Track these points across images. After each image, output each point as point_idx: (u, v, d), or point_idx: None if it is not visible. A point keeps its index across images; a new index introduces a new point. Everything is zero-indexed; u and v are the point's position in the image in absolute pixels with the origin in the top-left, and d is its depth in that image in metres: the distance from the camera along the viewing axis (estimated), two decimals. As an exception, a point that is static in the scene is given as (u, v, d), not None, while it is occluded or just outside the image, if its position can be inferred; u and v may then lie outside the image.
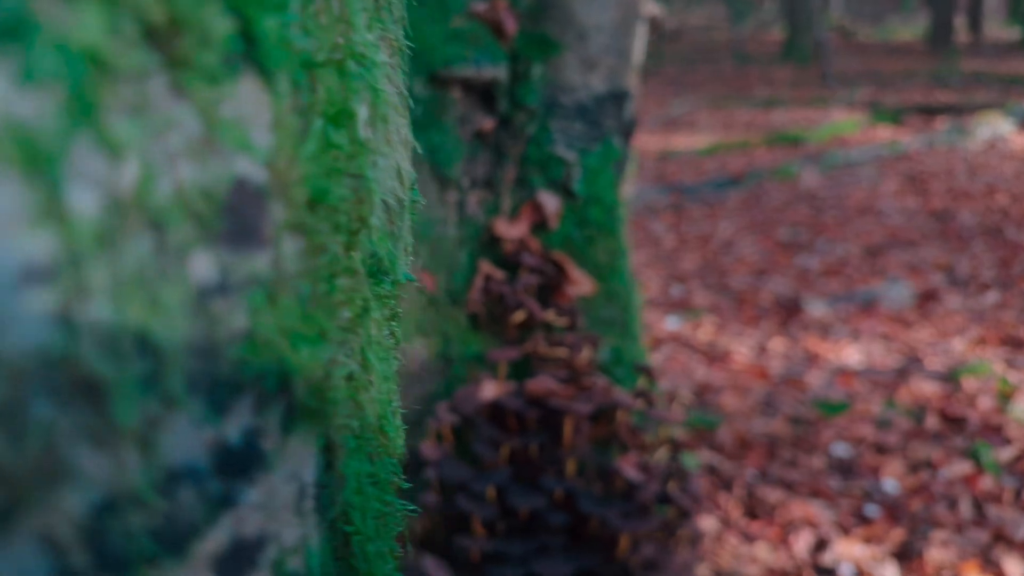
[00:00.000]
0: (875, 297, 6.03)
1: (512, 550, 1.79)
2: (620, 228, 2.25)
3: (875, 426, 4.15)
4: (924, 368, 4.66)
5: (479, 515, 1.78)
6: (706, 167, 11.08)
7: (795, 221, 8.33)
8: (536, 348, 2.07)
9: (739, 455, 4.06)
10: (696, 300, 6.48)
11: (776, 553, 3.31)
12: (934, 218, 8.10)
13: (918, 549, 3.29)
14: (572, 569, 1.76)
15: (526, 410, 1.92)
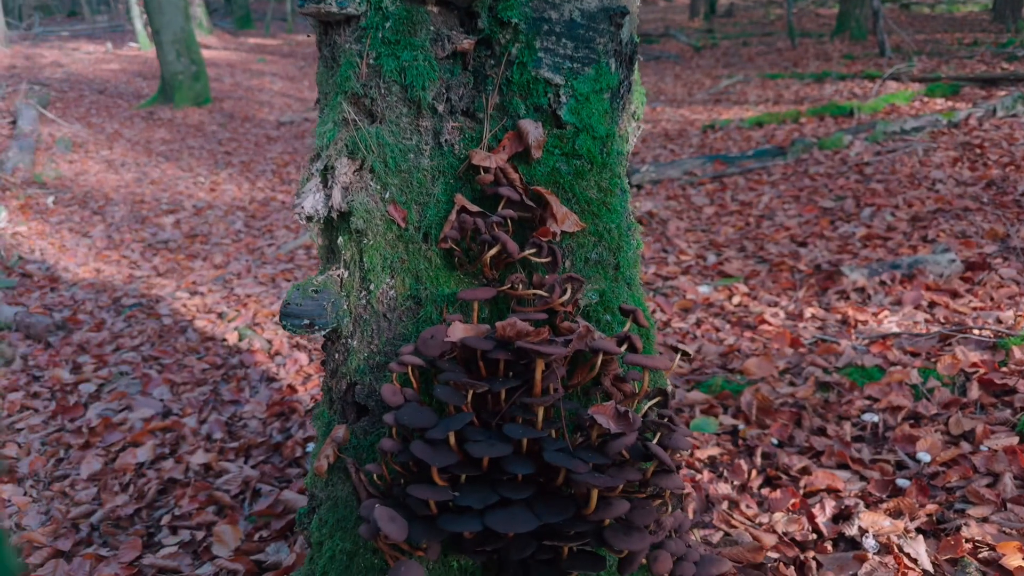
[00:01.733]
0: (920, 265, 5.54)
1: (470, 502, 1.56)
2: (615, 163, 1.97)
3: (911, 395, 3.76)
4: (969, 336, 4.22)
5: (435, 463, 1.56)
6: (752, 138, 10.52)
7: (841, 190, 7.80)
8: (513, 289, 1.82)
9: (762, 421, 3.74)
10: (731, 267, 6.09)
11: (796, 523, 3.00)
12: (990, 187, 7.46)
13: (954, 525, 2.93)
14: (533, 526, 1.53)
15: (495, 353, 1.68)
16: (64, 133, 14.29)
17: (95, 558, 3.11)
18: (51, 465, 3.87)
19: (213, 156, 12.69)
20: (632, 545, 1.58)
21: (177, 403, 4.36)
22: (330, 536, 1.82)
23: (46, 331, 5.35)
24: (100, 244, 7.92)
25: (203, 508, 3.40)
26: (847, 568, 2.79)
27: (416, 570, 1.58)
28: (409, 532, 1.59)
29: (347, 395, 1.88)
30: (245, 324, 5.38)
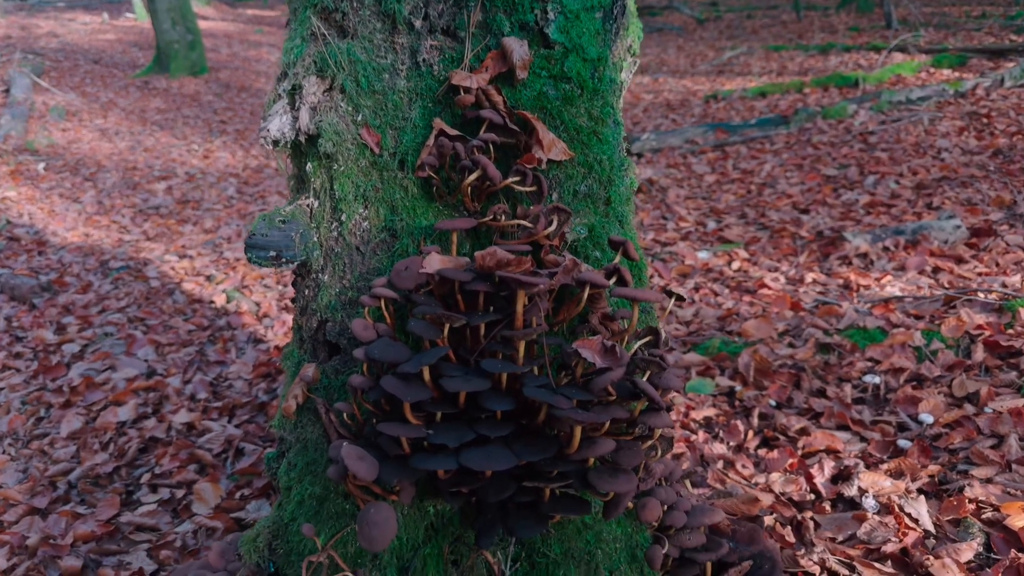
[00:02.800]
0: (924, 231, 5.40)
1: (445, 440, 1.45)
2: (607, 90, 1.83)
3: (914, 357, 3.65)
4: (974, 299, 4.10)
5: (407, 398, 1.44)
6: (755, 108, 10.32)
7: (845, 158, 7.63)
8: (495, 220, 1.70)
9: (760, 383, 3.63)
10: (731, 233, 5.96)
11: (793, 483, 2.91)
12: (997, 156, 7.30)
13: (957, 486, 2.83)
14: (511, 464, 1.41)
15: (474, 284, 1.56)
16: (58, 102, 14.09)
17: (72, 515, 3.02)
18: (31, 424, 3.77)
19: (208, 125, 12.51)
20: (618, 487, 1.47)
21: (162, 363, 4.26)
22: (299, 480, 1.72)
23: (31, 292, 5.23)
24: (90, 209, 7.79)
25: (184, 466, 3.30)
26: (846, 528, 2.69)
27: (386, 511, 1.47)
28: (380, 472, 1.48)
29: (317, 333, 1.76)
30: (233, 287, 5.27)
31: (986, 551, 2.53)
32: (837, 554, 2.56)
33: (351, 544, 1.64)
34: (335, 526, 1.65)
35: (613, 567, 1.71)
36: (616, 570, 1.71)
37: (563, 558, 1.66)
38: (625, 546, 1.74)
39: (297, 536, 1.69)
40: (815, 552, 2.57)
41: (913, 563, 2.49)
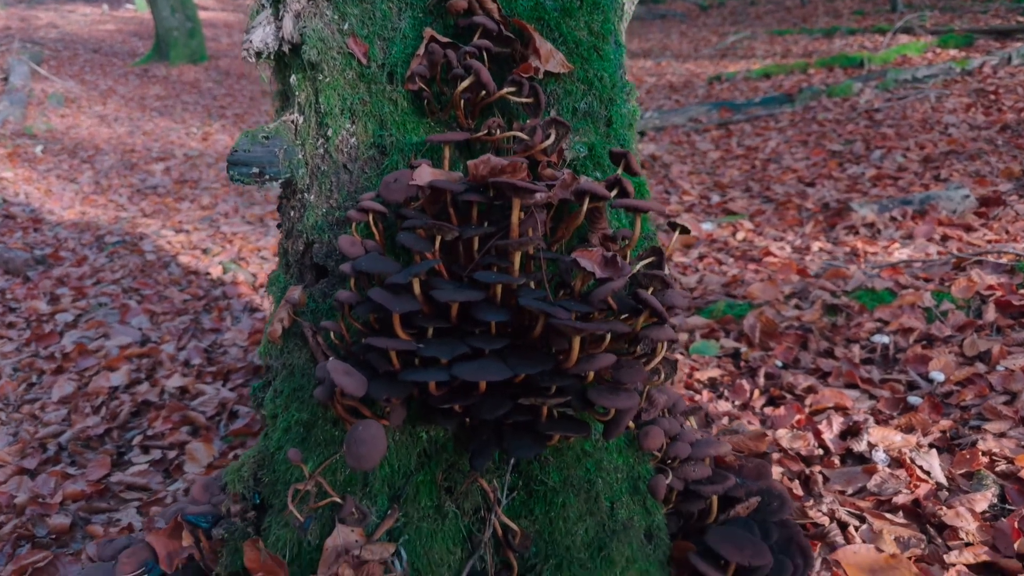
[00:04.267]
0: (932, 201, 5.31)
1: (436, 352, 1.37)
2: (609, 7, 1.75)
3: (924, 318, 3.56)
4: (985, 261, 4.01)
5: (396, 309, 1.36)
6: (759, 88, 10.20)
7: (850, 134, 7.53)
8: (490, 134, 1.62)
9: (766, 344, 3.55)
10: (736, 205, 5.87)
11: (801, 439, 2.82)
12: (1005, 131, 7.19)
13: (969, 441, 2.75)
14: (505, 375, 1.34)
15: (467, 195, 1.48)
16: (57, 89, 14.02)
17: (61, 475, 2.95)
18: (22, 390, 3.71)
19: (207, 110, 12.43)
20: (619, 403, 1.39)
21: (156, 332, 4.19)
22: (285, 407, 1.64)
23: (25, 265, 5.17)
24: (87, 189, 7.72)
25: (177, 428, 3.23)
26: (856, 481, 2.61)
27: (375, 429, 1.39)
28: (369, 389, 1.41)
29: (304, 256, 1.68)
30: (230, 258, 5.20)
31: (1000, 502, 2.45)
32: (847, 506, 2.48)
33: (340, 471, 1.57)
34: (323, 453, 1.58)
35: (614, 497, 1.63)
36: (618, 501, 1.63)
37: (562, 486, 1.58)
38: (627, 477, 1.66)
39: (284, 465, 1.62)
40: (824, 503, 2.49)
41: (925, 514, 2.41)
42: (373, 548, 1.48)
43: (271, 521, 1.60)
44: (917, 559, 2.22)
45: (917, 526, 2.39)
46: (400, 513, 1.55)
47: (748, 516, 1.75)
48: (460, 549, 1.56)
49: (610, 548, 1.58)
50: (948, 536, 2.31)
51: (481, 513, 1.58)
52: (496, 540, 1.58)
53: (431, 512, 1.55)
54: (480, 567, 1.56)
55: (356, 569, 1.46)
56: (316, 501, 1.54)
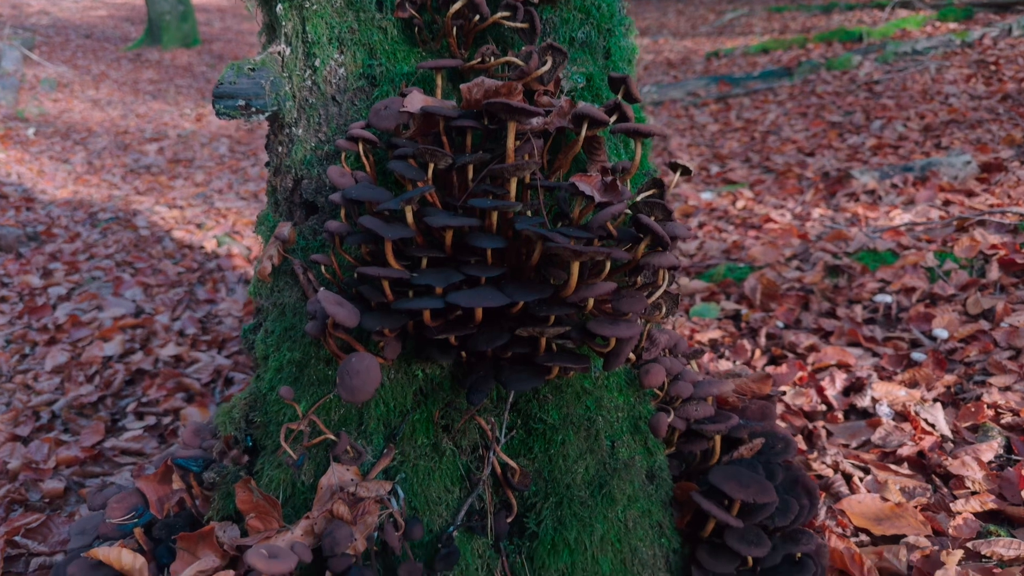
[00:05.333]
0: (934, 167, 5.25)
1: (430, 281, 1.32)
2: (606, -66, 1.69)
3: (926, 277, 3.52)
4: (987, 221, 3.96)
5: (388, 235, 1.32)
6: (757, 63, 10.11)
7: (850, 106, 7.46)
8: (483, 62, 1.56)
9: (767, 305, 3.51)
10: (736, 175, 5.81)
11: (803, 396, 2.79)
12: (1006, 100, 7.12)
13: (974, 395, 2.71)
14: (501, 302, 1.29)
15: (461, 121, 1.43)
16: (49, 74, 13.89)
17: (55, 442, 2.91)
18: (15, 361, 3.66)
19: (201, 93, 12.32)
20: (619, 332, 1.35)
21: (150, 303, 4.14)
22: (276, 347, 1.60)
23: (17, 242, 5.11)
24: (80, 169, 7.64)
25: (172, 395, 3.19)
26: (859, 435, 2.58)
27: (369, 360, 1.35)
28: (361, 320, 1.36)
29: (293, 193, 1.63)
30: (224, 232, 5.14)
31: (1006, 453, 2.42)
32: (850, 458, 2.45)
33: (334, 411, 1.52)
34: (316, 393, 1.54)
35: (615, 436, 1.59)
36: (618, 440, 1.59)
37: (561, 424, 1.54)
38: (628, 416, 1.62)
39: (276, 406, 1.57)
40: (828, 456, 2.46)
41: (931, 464, 2.38)
42: (369, 486, 1.45)
43: (264, 462, 1.56)
44: (923, 508, 2.19)
45: (922, 477, 2.36)
46: (396, 452, 1.51)
47: (752, 458, 1.71)
48: (458, 488, 1.52)
49: (611, 486, 1.54)
50: (954, 485, 2.28)
51: (479, 451, 1.54)
52: (495, 479, 1.54)
53: (428, 450, 1.51)
54: (479, 506, 1.53)
55: (352, 507, 1.42)
56: (309, 440, 1.50)
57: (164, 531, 1.60)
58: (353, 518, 1.41)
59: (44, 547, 2.27)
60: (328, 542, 1.37)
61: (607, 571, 1.52)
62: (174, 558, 1.52)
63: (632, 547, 1.55)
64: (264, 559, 1.29)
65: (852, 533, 2.08)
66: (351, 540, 1.39)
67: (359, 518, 1.42)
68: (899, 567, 1.90)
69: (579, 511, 1.52)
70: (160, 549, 1.58)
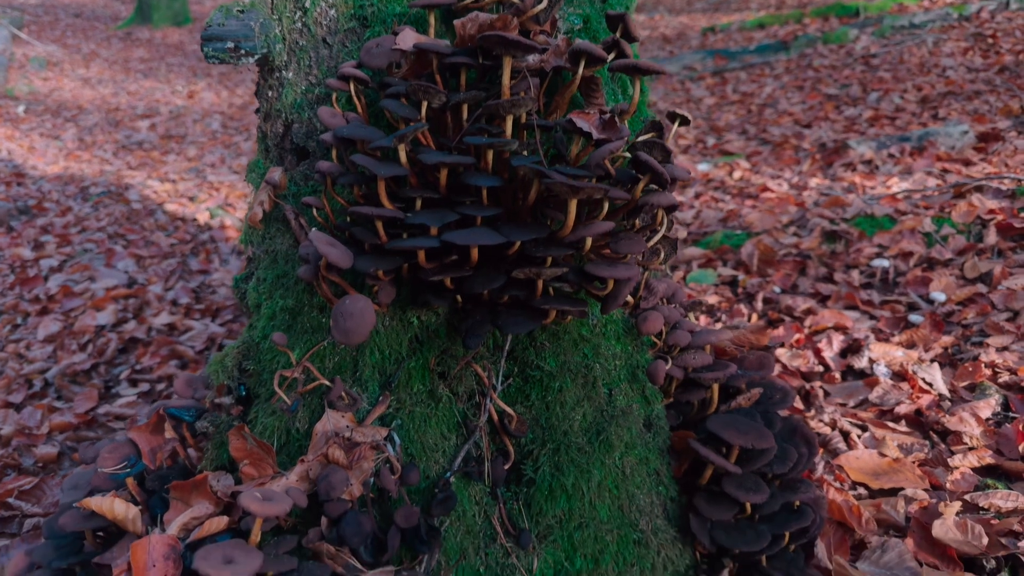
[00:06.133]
0: (931, 137, 5.22)
1: (425, 220, 1.30)
2: None
3: (924, 242, 3.50)
4: (985, 187, 3.94)
5: (381, 172, 1.29)
6: (754, 38, 10.03)
7: (846, 79, 7.41)
8: (476, 0, 1.52)
9: (764, 271, 3.49)
10: (732, 146, 5.77)
11: (801, 358, 2.78)
12: (1003, 72, 7.08)
13: (971, 355, 2.70)
14: (497, 240, 1.26)
15: (454, 58, 1.39)
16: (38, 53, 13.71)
17: (48, 408, 2.89)
18: (7, 331, 3.63)
19: (193, 70, 12.19)
20: (617, 273, 1.32)
21: (143, 274, 4.10)
22: (269, 295, 1.57)
23: (7, 215, 5.05)
24: (71, 146, 7.56)
25: (165, 362, 3.17)
26: (857, 394, 2.57)
27: (363, 302, 1.32)
28: (355, 263, 1.33)
29: (284, 139, 1.60)
30: (217, 205, 5.09)
31: (1004, 410, 2.41)
32: (848, 416, 2.45)
33: (328, 358, 1.50)
34: (310, 341, 1.51)
35: (612, 384, 1.57)
36: (616, 388, 1.57)
37: (558, 371, 1.52)
38: (625, 364, 1.60)
39: (269, 354, 1.55)
40: (825, 413, 2.45)
41: (928, 422, 2.37)
42: (365, 431, 1.43)
43: (257, 411, 1.54)
44: (920, 463, 2.18)
45: (920, 434, 2.35)
46: (392, 399, 1.49)
47: (750, 408, 1.69)
48: (455, 435, 1.51)
49: (608, 432, 1.53)
50: (952, 442, 2.27)
51: (476, 399, 1.52)
52: (492, 426, 1.52)
53: (424, 397, 1.49)
54: (476, 453, 1.51)
55: (347, 452, 1.40)
56: (303, 388, 1.47)
57: (157, 482, 1.58)
58: (349, 463, 1.39)
59: (38, 508, 2.26)
60: (324, 486, 1.36)
61: (604, 517, 1.51)
62: (167, 508, 1.51)
63: (629, 494, 1.54)
64: (258, 502, 1.27)
65: (850, 487, 2.08)
66: (347, 485, 1.37)
67: (355, 463, 1.40)
68: (897, 518, 1.89)
69: (576, 458, 1.50)
70: (153, 500, 1.56)
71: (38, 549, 1.57)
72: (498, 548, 1.47)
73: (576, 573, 1.49)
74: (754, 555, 1.59)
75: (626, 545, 1.52)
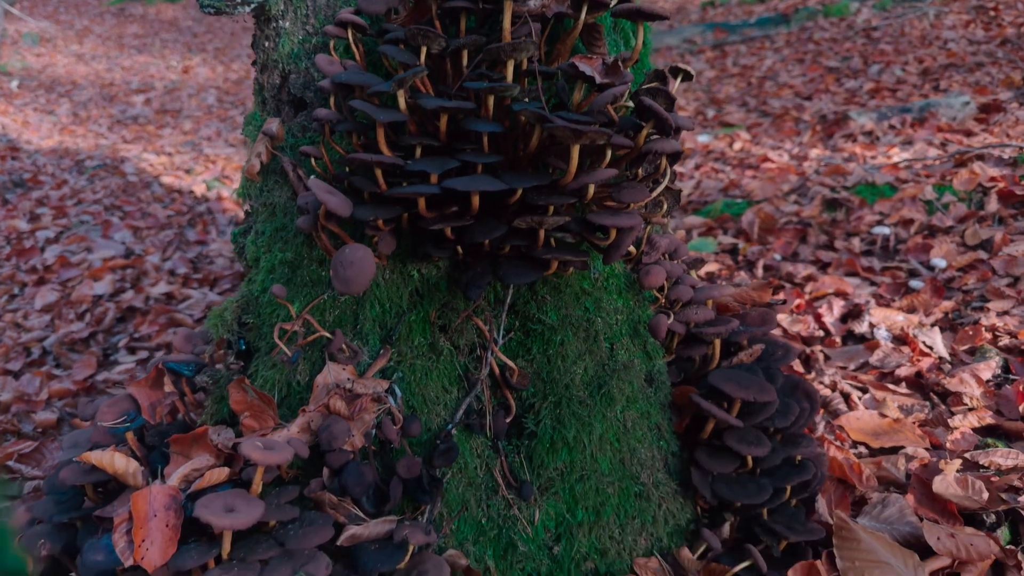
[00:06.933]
0: (932, 108, 5.19)
1: (425, 167, 1.28)
2: None
3: (925, 210, 3.49)
4: (987, 155, 3.92)
5: (380, 117, 1.26)
6: (754, 12, 9.93)
7: (847, 52, 7.34)
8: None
9: (764, 239, 3.47)
10: (732, 118, 5.73)
11: (801, 323, 2.77)
12: (1005, 44, 7.02)
13: (972, 320, 2.70)
14: (498, 187, 1.25)
15: (455, 1, 1.36)
16: (31, 29, 13.55)
17: (46, 376, 2.88)
18: (3, 301, 3.61)
19: (187, 46, 12.06)
20: (619, 221, 1.31)
21: (140, 245, 4.08)
22: (268, 249, 1.55)
23: (2, 189, 5.01)
24: (65, 120, 7.49)
25: (163, 330, 3.16)
26: (857, 358, 2.57)
27: (363, 251, 1.31)
28: (354, 211, 1.32)
29: (281, 91, 1.57)
30: (213, 177, 5.05)
31: (1004, 372, 2.41)
32: (848, 379, 2.44)
33: (329, 311, 1.49)
34: (310, 294, 1.50)
35: (614, 339, 1.56)
36: (617, 342, 1.56)
37: (560, 325, 1.51)
38: (627, 319, 1.59)
39: (269, 308, 1.54)
40: (826, 376, 2.45)
41: (928, 384, 2.37)
42: (366, 383, 1.42)
43: (258, 364, 1.53)
44: (921, 423, 2.18)
45: (920, 395, 2.35)
46: (393, 352, 1.48)
47: (751, 364, 1.68)
48: (456, 388, 1.50)
49: (610, 386, 1.52)
50: (952, 403, 2.27)
51: (477, 352, 1.51)
52: (493, 380, 1.52)
53: (425, 350, 1.48)
54: (477, 406, 1.50)
55: (349, 403, 1.39)
56: (303, 340, 1.46)
57: (157, 438, 1.57)
58: (350, 414, 1.38)
59: (38, 471, 2.25)
60: (325, 436, 1.35)
61: (606, 470, 1.50)
62: (168, 464, 1.50)
63: (631, 447, 1.54)
64: (259, 450, 1.26)
65: (850, 446, 2.08)
66: (348, 436, 1.36)
67: (356, 415, 1.39)
68: (897, 475, 1.89)
69: (578, 411, 1.50)
70: (153, 455, 1.56)
71: (38, 504, 1.57)
72: (500, 500, 1.47)
73: (578, 525, 1.49)
74: (755, 508, 1.59)
75: (627, 498, 1.52)
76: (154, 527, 1.27)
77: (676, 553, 1.55)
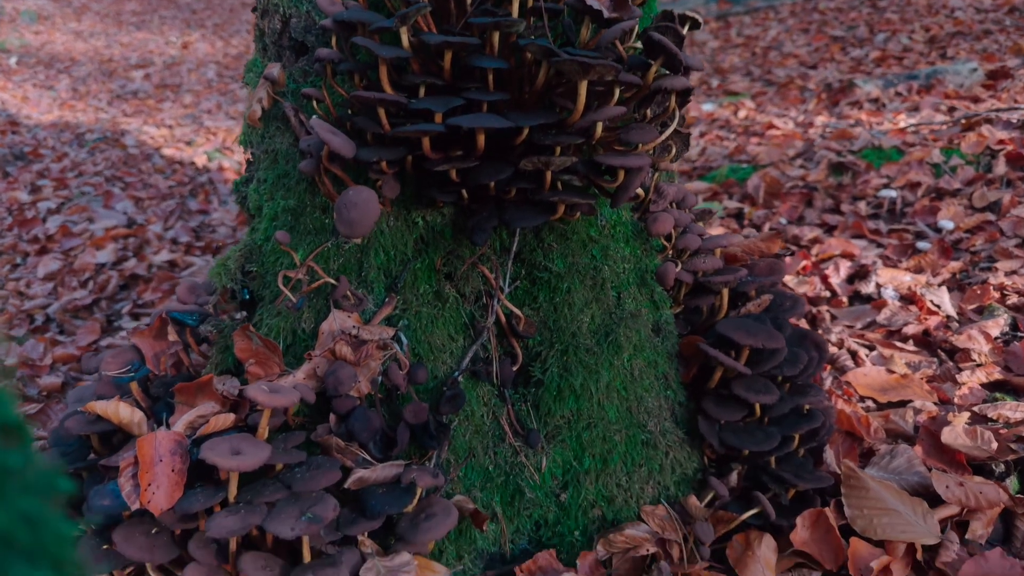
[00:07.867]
0: (939, 75, 5.12)
1: (429, 105, 1.25)
2: None
3: (932, 173, 3.45)
4: (995, 119, 3.87)
5: (382, 53, 1.23)
6: (758, -16, 9.81)
7: (853, 21, 7.24)
8: None
9: (770, 203, 3.44)
10: (737, 87, 5.66)
11: (808, 284, 2.75)
12: (1013, 12, 6.92)
13: (979, 279, 2.67)
14: (503, 124, 1.22)
15: (457, -59, 1.33)
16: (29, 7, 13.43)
17: (50, 342, 2.87)
18: (6, 270, 3.60)
19: (186, 22, 11.94)
20: (627, 162, 1.28)
21: (142, 215, 4.05)
22: (270, 196, 1.53)
23: (3, 161, 4.98)
24: (65, 95, 7.43)
25: (167, 296, 3.14)
26: (864, 316, 2.55)
27: (367, 193, 1.29)
28: (358, 153, 1.29)
29: (282, 36, 1.54)
30: (214, 148, 5.02)
31: (1012, 330, 2.39)
32: (856, 337, 2.43)
33: (333, 259, 1.47)
34: (314, 242, 1.48)
35: (621, 287, 1.54)
36: (624, 291, 1.54)
37: (567, 273, 1.49)
38: (634, 268, 1.57)
39: (272, 256, 1.52)
40: (833, 334, 2.43)
41: (936, 341, 2.35)
42: (372, 329, 1.40)
43: (262, 313, 1.51)
44: (928, 379, 2.17)
45: (928, 352, 2.34)
46: (398, 300, 1.46)
47: (759, 314, 1.67)
48: (462, 336, 1.48)
49: (617, 334, 1.50)
50: (960, 359, 2.25)
51: (483, 300, 1.49)
52: (499, 329, 1.50)
53: (431, 298, 1.47)
54: (483, 354, 1.49)
55: (355, 349, 1.38)
56: (308, 287, 1.44)
57: (161, 389, 1.56)
58: (356, 360, 1.37)
59: (43, 432, 2.25)
60: (331, 381, 1.34)
61: (613, 418, 1.49)
62: (172, 414, 1.49)
63: (638, 396, 1.52)
64: (265, 393, 1.25)
65: (858, 401, 2.07)
66: (355, 381, 1.35)
67: (362, 360, 1.38)
68: (905, 428, 1.88)
69: (585, 358, 1.48)
70: (158, 406, 1.55)
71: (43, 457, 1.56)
72: (507, 447, 1.46)
73: (584, 472, 1.48)
74: (763, 456, 1.58)
75: (634, 446, 1.51)
76: (160, 471, 1.26)
77: (683, 501, 1.54)
